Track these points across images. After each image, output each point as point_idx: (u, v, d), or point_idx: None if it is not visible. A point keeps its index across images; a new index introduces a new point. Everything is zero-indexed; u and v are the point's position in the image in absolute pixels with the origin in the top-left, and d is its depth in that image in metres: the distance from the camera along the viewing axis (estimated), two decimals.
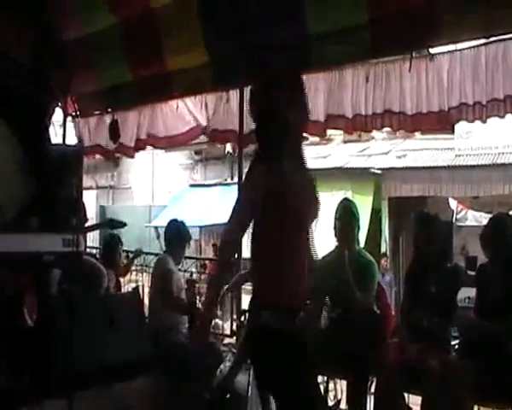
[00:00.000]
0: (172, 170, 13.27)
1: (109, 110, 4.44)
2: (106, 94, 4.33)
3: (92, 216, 9.81)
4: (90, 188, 14.70)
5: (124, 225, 3.78)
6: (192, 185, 12.64)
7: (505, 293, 2.68)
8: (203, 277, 7.52)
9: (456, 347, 2.89)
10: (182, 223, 3.83)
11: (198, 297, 4.87)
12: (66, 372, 2.50)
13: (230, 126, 3.92)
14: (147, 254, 5.38)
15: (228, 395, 3.22)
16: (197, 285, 7.58)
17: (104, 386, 2.79)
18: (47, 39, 3.44)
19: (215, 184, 11.88)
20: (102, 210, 13.77)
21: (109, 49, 3.97)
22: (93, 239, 8.24)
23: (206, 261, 8.06)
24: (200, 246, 11.95)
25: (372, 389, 2.94)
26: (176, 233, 3.76)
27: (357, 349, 2.77)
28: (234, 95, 3.82)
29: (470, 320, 2.87)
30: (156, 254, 4.74)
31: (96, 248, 6.11)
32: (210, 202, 10.71)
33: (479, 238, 2.90)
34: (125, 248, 4.56)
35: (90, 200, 12.54)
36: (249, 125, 3.47)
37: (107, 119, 4.46)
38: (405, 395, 2.83)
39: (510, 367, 2.55)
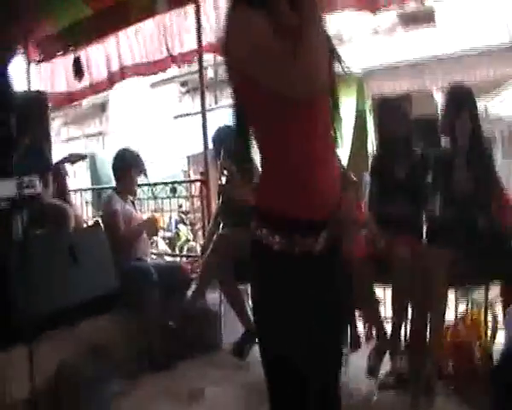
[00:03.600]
0: (160, 105, 13.16)
1: (71, 48, 4.47)
2: (66, 32, 4.36)
3: (81, 166, 9.84)
4: (77, 138, 14.76)
5: (83, 157, 3.95)
6: (176, 117, 12.59)
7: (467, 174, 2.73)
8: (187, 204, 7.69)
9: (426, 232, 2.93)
10: (126, 150, 3.73)
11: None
12: (31, 316, 2.54)
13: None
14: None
15: (193, 320, 3.35)
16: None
17: (72, 325, 2.90)
18: None
19: (199, 112, 11.78)
20: (92, 159, 13.89)
21: None
22: None
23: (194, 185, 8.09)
24: (189, 176, 12.08)
25: None
26: (119, 163, 3.66)
27: None
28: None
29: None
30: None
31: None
32: (195, 131, 10.72)
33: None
34: None
35: (79, 149, 12.57)
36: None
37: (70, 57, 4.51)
38: (376, 288, 2.90)
39: (482, 242, 2.62)
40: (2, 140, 2.61)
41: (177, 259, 5.62)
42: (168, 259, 5.41)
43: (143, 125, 12.67)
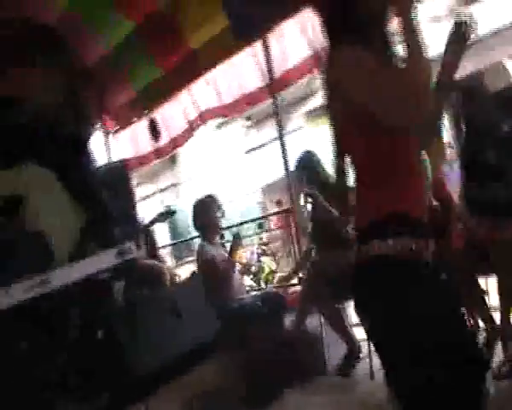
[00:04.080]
0: (228, 145, 13.52)
1: (145, 112, 4.75)
2: (139, 98, 4.62)
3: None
4: (153, 194, 15.44)
5: (173, 212, 4.13)
6: (247, 151, 12.88)
7: None
8: (265, 235, 7.73)
9: None
10: (203, 197, 3.84)
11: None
12: (143, 375, 2.64)
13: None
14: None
15: (296, 347, 3.38)
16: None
17: (181, 376, 2.96)
18: (76, 71, 3.59)
19: (269, 142, 12.01)
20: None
21: (132, 53, 4.20)
22: None
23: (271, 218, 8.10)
24: (266, 207, 12.19)
25: None
26: (200, 211, 3.77)
27: None
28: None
29: None
30: None
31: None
32: (268, 161, 10.91)
33: None
34: None
35: (155, 205, 13.10)
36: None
37: (145, 121, 4.79)
38: (480, 279, 2.84)
39: None
40: (104, 216, 2.78)
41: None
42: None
43: (214, 168, 13.08)
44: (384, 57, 1.33)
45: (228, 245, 3.89)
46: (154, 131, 4.72)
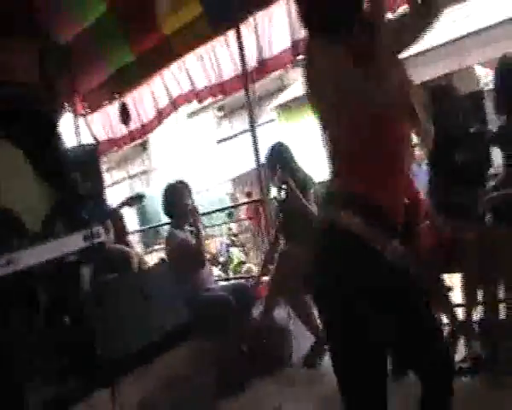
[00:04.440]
0: (199, 134, 13.47)
1: (116, 96, 4.70)
2: (111, 81, 4.57)
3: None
4: (122, 180, 15.27)
5: (142, 196, 4.09)
6: (218, 141, 12.86)
7: None
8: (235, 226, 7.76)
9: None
10: (174, 183, 3.80)
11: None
12: (110, 360, 2.67)
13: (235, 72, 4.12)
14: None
15: (263, 338, 3.40)
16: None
17: (149, 362, 2.98)
18: (49, 49, 3.52)
19: (240, 133, 12.03)
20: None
21: (107, 36, 4.15)
22: None
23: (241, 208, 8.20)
24: (236, 198, 12.22)
25: None
26: (171, 196, 3.72)
27: None
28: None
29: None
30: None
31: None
32: (238, 152, 10.93)
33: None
34: None
35: (124, 191, 12.98)
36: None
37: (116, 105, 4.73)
38: (444, 275, 2.88)
39: None
40: (72, 197, 2.75)
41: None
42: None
43: (185, 157, 13.02)
44: (362, 51, 1.34)
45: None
46: (125, 115, 4.66)
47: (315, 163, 3.65)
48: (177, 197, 3.70)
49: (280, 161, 3.56)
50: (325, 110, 1.40)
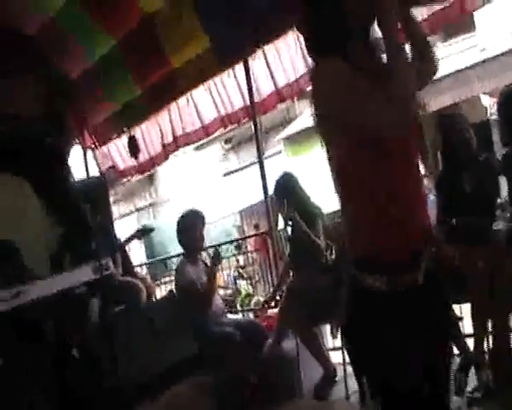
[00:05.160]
0: (206, 167, 13.57)
1: (125, 130, 4.77)
2: (119, 116, 4.62)
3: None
4: (129, 213, 15.35)
5: (151, 230, 4.10)
6: (225, 174, 12.95)
7: None
8: (242, 258, 7.74)
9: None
10: (189, 211, 3.77)
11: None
12: (119, 391, 2.68)
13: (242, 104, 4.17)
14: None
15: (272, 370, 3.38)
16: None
17: (158, 394, 2.88)
18: (56, 83, 3.58)
19: (248, 166, 12.13)
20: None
21: (113, 71, 4.19)
22: None
23: (249, 241, 8.19)
24: (243, 231, 12.24)
25: None
26: (186, 224, 3.68)
27: None
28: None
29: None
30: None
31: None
32: (246, 184, 10.99)
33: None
34: None
35: (131, 224, 13.02)
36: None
37: (125, 138, 4.81)
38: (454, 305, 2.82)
39: None
40: (82, 229, 2.77)
41: (250, 314, 5.62)
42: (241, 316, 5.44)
43: (192, 189, 13.13)
44: (369, 69, 1.33)
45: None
46: (134, 148, 4.73)
47: (322, 195, 3.66)
48: (192, 225, 3.67)
49: (287, 191, 3.57)
50: (335, 141, 1.36)
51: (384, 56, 1.33)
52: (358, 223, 1.36)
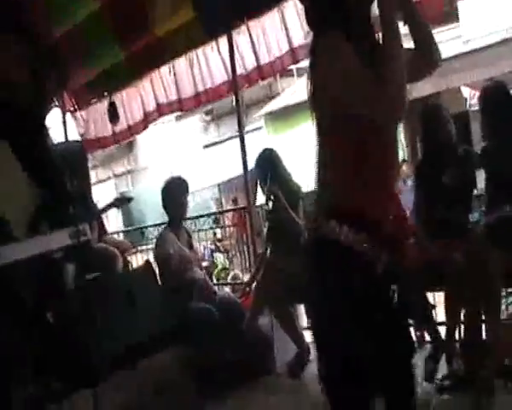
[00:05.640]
0: (186, 137, 13.46)
1: (105, 94, 4.68)
2: (100, 80, 4.53)
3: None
4: (107, 179, 15.16)
5: (130, 199, 4.07)
6: (206, 146, 12.85)
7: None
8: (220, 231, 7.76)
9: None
10: (174, 178, 3.75)
11: None
12: (97, 361, 2.63)
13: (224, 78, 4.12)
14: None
15: (247, 347, 3.39)
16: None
17: (133, 366, 2.94)
18: (38, 45, 3.51)
19: (228, 139, 12.05)
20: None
21: (97, 35, 4.09)
22: None
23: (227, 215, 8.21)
24: (221, 204, 12.23)
25: None
26: (171, 192, 3.64)
27: None
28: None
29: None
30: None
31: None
32: (225, 158, 10.94)
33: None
34: None
35: (109, 190, 12.88)
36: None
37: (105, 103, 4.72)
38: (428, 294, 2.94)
39: None
40: (60, 193, 2.73)
41: (226, 288, 5.62)
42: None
43: (171, 159, 13.03)
44: (366, 49, 1.35)
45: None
46: (113, 114, 4.64)
47: (301, 174, 3.67)
48: (178, 191, 3.65)
49: (271, 166, 3.56)
50: (327, 114, 1.38)
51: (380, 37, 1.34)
52: (343, 181, 1.40)
